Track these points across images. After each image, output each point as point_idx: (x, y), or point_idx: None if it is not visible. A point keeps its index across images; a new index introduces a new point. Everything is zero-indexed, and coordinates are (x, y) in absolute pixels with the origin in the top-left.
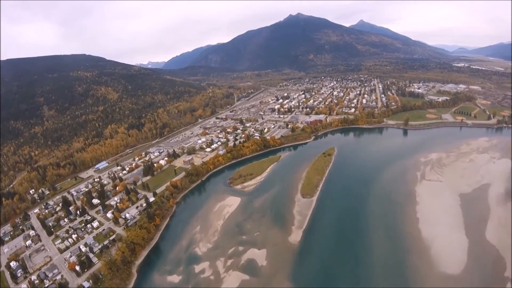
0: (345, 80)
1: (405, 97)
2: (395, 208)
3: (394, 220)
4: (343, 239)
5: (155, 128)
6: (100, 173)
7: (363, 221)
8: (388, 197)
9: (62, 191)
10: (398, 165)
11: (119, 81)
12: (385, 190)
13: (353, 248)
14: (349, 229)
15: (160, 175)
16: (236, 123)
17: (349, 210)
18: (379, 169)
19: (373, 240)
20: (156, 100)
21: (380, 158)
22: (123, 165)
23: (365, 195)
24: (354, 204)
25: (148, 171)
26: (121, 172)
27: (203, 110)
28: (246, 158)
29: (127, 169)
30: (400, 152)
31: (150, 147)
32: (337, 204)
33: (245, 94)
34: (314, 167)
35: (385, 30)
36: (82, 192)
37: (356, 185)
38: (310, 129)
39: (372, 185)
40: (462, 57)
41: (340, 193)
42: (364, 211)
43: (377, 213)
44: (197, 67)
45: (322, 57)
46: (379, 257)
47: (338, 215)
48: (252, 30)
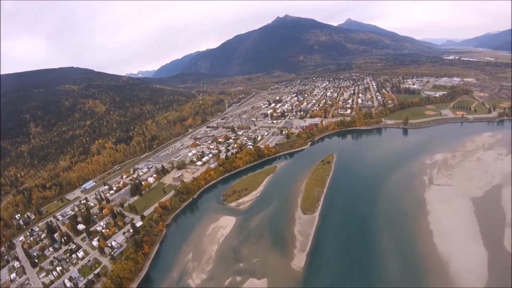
0: (337, 80)
1: (401, 94)
2: (405, 220)
3: (406, 235)
4: (351, 261)
5: (143, 141)
6: (87, 194)
7: (371, 238)
8: (396, 208)
9: (48, 215)
10: (403, 169)
11: (107, 93)
12: (392, 200)
13: (364, 272)
14: (357, 249)
15: (148, 195)
16: (227, 132)
17: (355, 226)
18: (383, 175)
19: (385, 261)
20: (144, 111)
21: (382, 163)
22: (110, 184)
23: (371, 207)
24: (360, 219)
25: (136, 191)
26: (108, 192)
27: (193, 119)
28: (239, 171)
29: (114, 189)
30: (403, 155)
31: (139, 162)
32: (341, 220)
33: (236, 99)
34: (313, 177)
35: (373, 27)
36: (68, 216)
37: (360, 196)
38: (306, 135)
39: (377, 195)
40: (451, 49)
41: (343, 206)
42: (372, 226)
43: (386, 228)
44: (187, 74)
45: (312, 57)
46: (393, 280)
47: (344, 233)
48: (240, 34)
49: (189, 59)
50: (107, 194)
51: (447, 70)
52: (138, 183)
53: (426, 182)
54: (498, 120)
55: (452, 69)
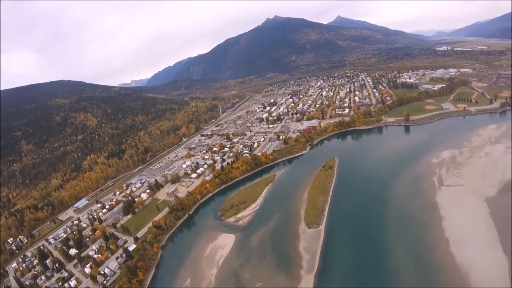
0: (332, 78)
1: (398, 89)
2: (418, 229)
3: (421, 246)
4: (363, 280)
5: (136, 154)
6: (80, 213)
7: (384, 253)
8: (407, 215)
9: (41, 238)
10: (410, 171)
11: (98, 105)
12: (402, 206)
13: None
14: (370, 266)
15: (142, 213)
16: (222, 140)
17: (364, 239)
18: (389, 179)
19: (402, 277)
20: (137, 122)
21: (387, 165)
22: (103, 202)
23: (380, 216)
24: (369, 230)
25: (129, 209)
26: (101, 210)
27: (187, 128)
28: (236, 181)
29: (107, 207)
30: (407, 154)
31: (132, 176)
32: (349, 233)
33: (230, 104)
34: (315, 185)
35: (364, 23)
36: (60, 239)
37: (367, 203)
38: (304, 138)
39: (385, 202)
40: (442, 40)
41: (350, 216)
42: (383, 238)
43: (399, 239)
44: (180, 81)
45: (304, 57)
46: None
47: (353, 248)
48: (231, 38)
49: (181, 66)
50: (99, 213)
51: (442, 61)
52: (131, 200)
53: (436, 183)
54: (501, 111)
55: (447, 60)
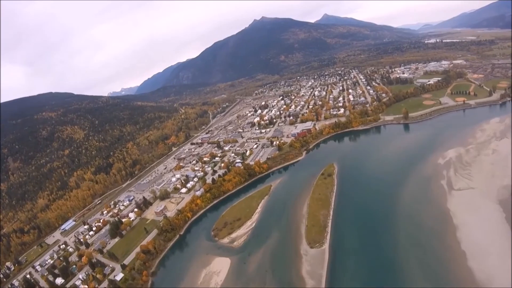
0: (323, 77)
1: (393, 85)
2: (432, 241)
3: (437, 261)
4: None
5: (124, 168)
6: (67, 235)
7: (397, 271)
8: (419, 227)
9: (28, 265)
10: (415, 174)
11: (86, 116)
12: (412, 217)
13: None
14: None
15: (129, 235)
16: (213, 148)
17: (374, 257)
18: (394, 185)
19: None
20: (124, 132)
21: (390, 169)
22: (90, 222)
23: (389, 229)
24: (379, 247)
25: (116, 232)
26: (88, 233)
27: (176, 137)
28: (230, 194)
29: (94, 229)
30: (411, 156)
31: (120, 192)
32: (357, 251)
33: (220, 109)
34: (315, 196)
35: (351, 20)
36: (47, 266)
37: (373, 215)
38: (299, 143)
39: (393, 212)
40: (430, 33)
41: (356, 231)
42: (395, 255)
43: (412, 255)
44: (169, 87)
45: (294, 56)
46: None
47: (362, 269)
48: (219, 41)
49: (171, 71)
50: (86, 236)
51: (433, 54)
52: (118, 221)
53: (445, 187)
54: (501, 103)
55: (437, 52)
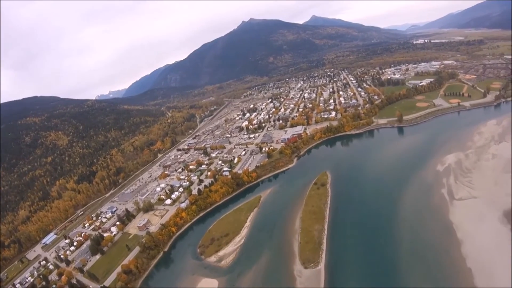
0: (312, 78)
1: (384, 86)
2: (436, 257)
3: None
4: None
5: (108, 177)
6: (48, 250)
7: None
8: (421, 241)
9: (8, 283)
10: (414, 183)
11: (70, 121)
12: (413, 230)
13: None
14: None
15: (111, 252)
16: (199, 155)
17: (375, 278)
18: (392, 195)
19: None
20: (109, 138)
21: (387, 178)
22: (71, 237)
23: (389, 245)
24: (380, 266)
25: (96, 248)
26: (69, 248)
27: (162, 142)
28: (216, 206)
29: (75, 244)
30: (408, 162)
31: (104, 202)
32: (356, 271)
33: (208, 112)
34: (308, 209)
35: (339, 21)
36: (27, 284)
37: (372, 230)
38: (290, 149)
39: (392, 226)
40: (417, 34)
41: (353, 249)
42: (397, 274)
43: (417, 275)
44: (157, 90)
45: (282, 58)
46: None
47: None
48: (207, 43)
49: (159, 74)
50: (67, 251)
51: (422, 54)
52: (99, 237)
53: (446, 197)
54: (496, 104)
55: (427, 53)
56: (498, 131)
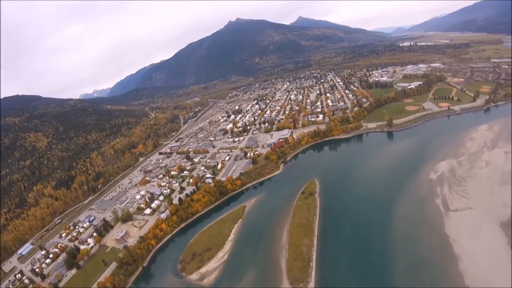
0: (299, 79)
1: (373, 88)
2: (433, 275)
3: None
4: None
5: (87, 182)
6: (24, 261)
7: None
8: (416, 257)
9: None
10: (407, 193)
11: (50, 122)
12: (408, 245)
13: None
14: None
15: (87, 267)
16: (182, 160)
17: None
18: (384, 206)
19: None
20: (90, 140)
21: (378, 186)
22: (47, 247)
23: (383, 262)
24: (374, 285)
25: (72, 262)
26: (44, 261)
27: (144, 145)
28: (199, 217)
29: (51, 256)
30: (400, 169)
31: (82, 210)
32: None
33: (192, 113)
34: (296, 221)
35: (325, 23)
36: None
37: (364, 244)
38: (276, 155)
39: (386, 240)
40: (403, 36)
41: (345, 266)
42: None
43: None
44: (141, 90)
45: (268, 58)
46: None
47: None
48: (193, 42)
49: (143, 73)
50: (43, 264)
51: (409, 57)
52: (75, 249)
53: (441, 208)
54: (486, 108)
55: (413, 55)
56: (490, 136)
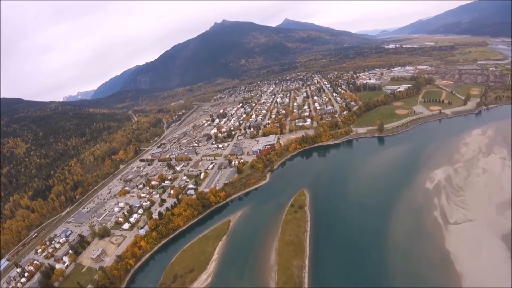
0: (285, 82)
1: (361, 91)
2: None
3: None
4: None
5: (64, 192)
6: None
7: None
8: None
9: None
10: (403, 203)
11: (30, 127)
12: (407, 263)
13: None
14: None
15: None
16: (163, 168)
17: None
18: (379, 219)
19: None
20: (69, 146)
21: (372, 196)
22: (23, 264)
23: (383, 284)
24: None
25: (47, 283)
26: (20, 279)
27: (125, 151)
28: (180, 232)
29: (26, 274)
30: (394, 177)
31: (59, 222)
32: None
33: (175, 117)
34: (285, 238)
35: (311, 25)
36: None
37: (360, 264)
38: (262, 163)
39: (384, 259)
40: (388, 39)
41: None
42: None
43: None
44: (125, 92)
45: (254, 60)
46: None
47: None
48: (179, 44)
49: (128, 75)
50: (18, 283)
51: (395, 59)
52: (49, 268)
53: (440, 221)
54: (477, 112)
55: (400, 57)
56: (484, 141)
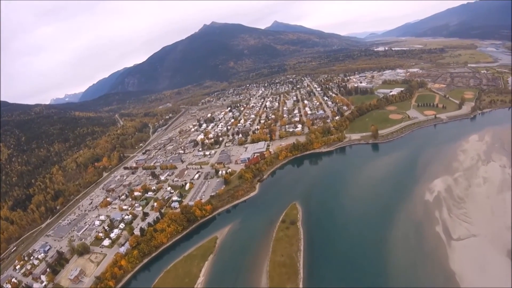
0: (274, 85)
1: (352, 95)
2: None
3: None
4: None
5: (45, 202)
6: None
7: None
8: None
9: None
10: (402, 216)
11: (13, 131)
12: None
13: None
14: None
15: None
16: (147, 177)
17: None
18: (378, 235)
19: None
20: (52, 152)
21: (369, 210)
22: (2, 281)
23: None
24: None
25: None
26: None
27: (109, 158)
28: (164, 249)
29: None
30: (391, 188)
31: (39, 235)
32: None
33: (162, 121)
34: (276, 259)
35: (300, 27)
36: None
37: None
38: (251, 173)
39: (385, 281)
40: (377, 41)
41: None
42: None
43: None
44: (112, 95)
45: (243, 62)
46: None
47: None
48: (167, 46)
49: (116, 77)
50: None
51: (385, 62)
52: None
53: (442, 237)
54: (472, 116)
55: (390, 60)
56: (482, 148)
